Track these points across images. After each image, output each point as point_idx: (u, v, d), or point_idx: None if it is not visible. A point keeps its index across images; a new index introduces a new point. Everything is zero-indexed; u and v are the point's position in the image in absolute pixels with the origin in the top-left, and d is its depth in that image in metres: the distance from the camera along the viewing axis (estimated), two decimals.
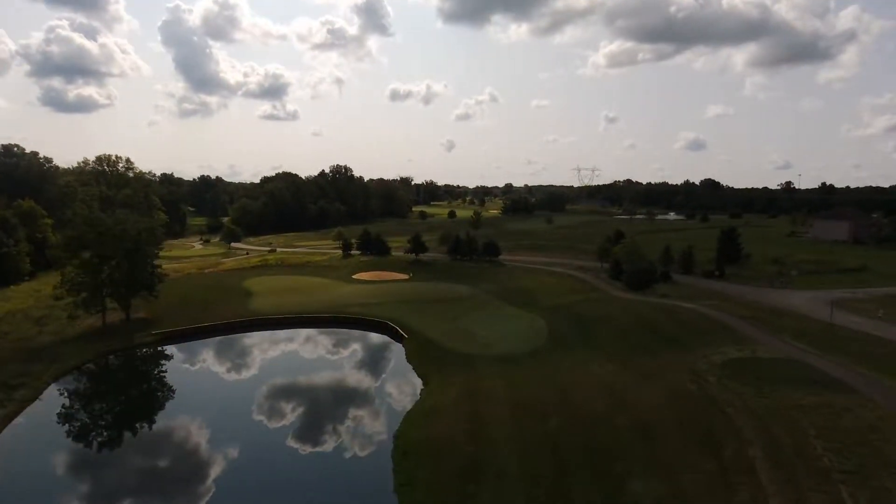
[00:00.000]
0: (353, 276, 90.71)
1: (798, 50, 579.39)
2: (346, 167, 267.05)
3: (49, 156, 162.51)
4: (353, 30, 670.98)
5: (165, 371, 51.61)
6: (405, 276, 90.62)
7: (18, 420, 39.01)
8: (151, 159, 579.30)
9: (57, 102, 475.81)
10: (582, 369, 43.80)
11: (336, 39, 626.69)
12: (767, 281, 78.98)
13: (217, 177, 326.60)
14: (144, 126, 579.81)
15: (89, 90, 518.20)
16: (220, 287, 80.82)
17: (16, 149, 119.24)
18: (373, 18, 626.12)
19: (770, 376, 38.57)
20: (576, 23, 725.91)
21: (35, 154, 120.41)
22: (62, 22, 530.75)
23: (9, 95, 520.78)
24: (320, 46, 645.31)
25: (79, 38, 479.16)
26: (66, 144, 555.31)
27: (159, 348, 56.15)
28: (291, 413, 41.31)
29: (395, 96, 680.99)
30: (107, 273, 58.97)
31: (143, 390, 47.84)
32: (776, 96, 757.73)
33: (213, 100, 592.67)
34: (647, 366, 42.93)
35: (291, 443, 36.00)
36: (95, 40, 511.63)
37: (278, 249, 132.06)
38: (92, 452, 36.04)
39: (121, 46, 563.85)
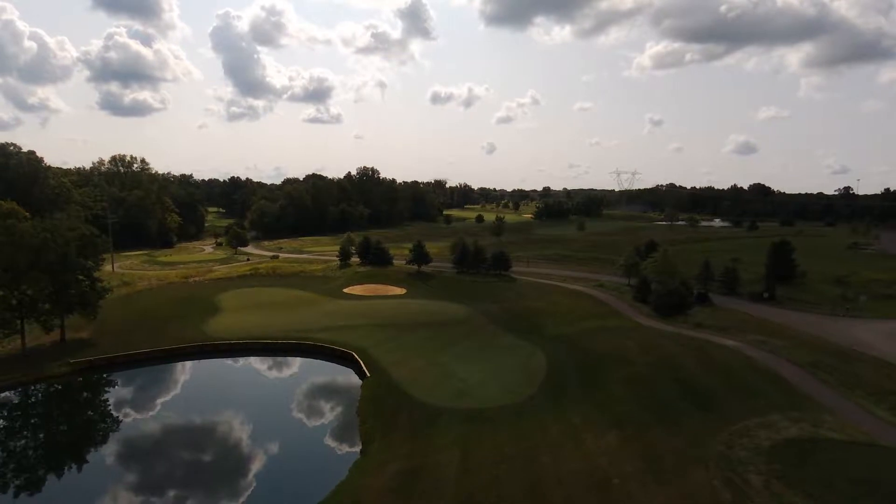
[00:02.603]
0: (344, 290, 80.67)
1: (859, 49, 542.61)
2: (373, 169, 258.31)
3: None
4: (396, 33, 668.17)
5: (57, 413, 42.30)
6: (401, 291, 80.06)
7: None
8: (200, 161, 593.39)
9: (114, 106, 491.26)
10: (572, 444, 32.01)
11: (379, 43, 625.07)
12: (829, 307, 64.88)
13: (247, 178, 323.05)
14: (195, 129, 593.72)
15: (144, 94, 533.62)
16: (189, 301, 71.93)
17: (11, 147, 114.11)
18: (416, 22, 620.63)
19: (844, 478, 26.05)
20: (621, 24, 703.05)
21: (31, 153, 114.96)
22: (120, 29, 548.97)
23: (71, 100, 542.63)
24: (364, 50, 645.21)
25: (135, 45, 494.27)
26: (122, 146, 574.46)
27: (82, 378, 47.15)
28: (160, 485, 31.10)
29: (436, 99, 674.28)
30: (24, 289, 50.25)
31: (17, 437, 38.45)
32: (834, 97, 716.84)
33: (259, 103, 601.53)
34: (662, 444, 30.80)
35: None
36: (151, 47, 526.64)
37: (283, 256, 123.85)
38: None
39: (174, 52, 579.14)
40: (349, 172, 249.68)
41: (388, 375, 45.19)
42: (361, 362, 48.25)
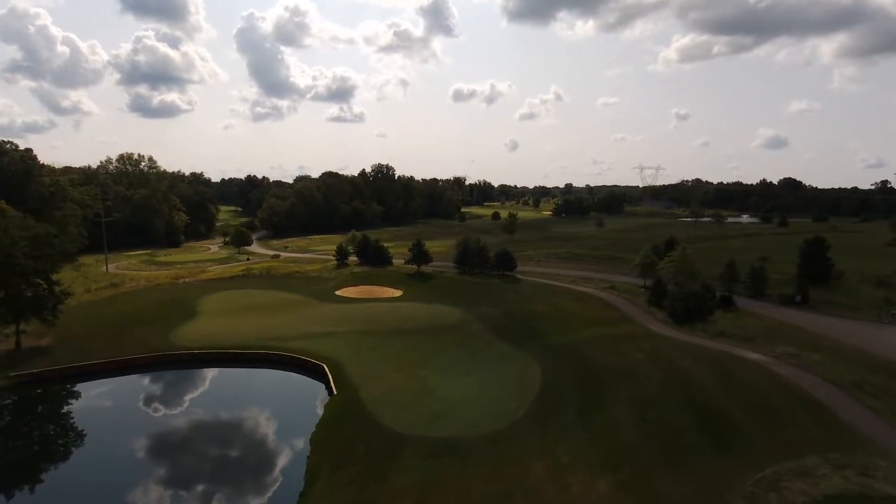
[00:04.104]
0: (336, 292, 75.38)
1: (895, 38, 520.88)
2: (388, 166, 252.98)
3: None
4: (418, 31, 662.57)
5: None
6: (397, 293, 74.47)
7: None
8: (226, 161, 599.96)
9: (143, 108, 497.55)
10: (554, 489, 25.94)
11: (402, 41, 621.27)
12: (871, 312, 57.41)
13: (263, 177, 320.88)
14: (220, 129, 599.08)
15: (172, 96, 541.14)
16: (169, 305, 67.37)
17: (8, 145, 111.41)
18: (438, 19, 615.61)
19: None
20: (646, 17, 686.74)
21: (27, 151, 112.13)
22: (148, 32, 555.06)
23: (102, 103, 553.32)
24: (386, 49, 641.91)
25: (163, 48, 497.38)
26: (151, 147, 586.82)
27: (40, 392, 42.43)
28: None
29: (458, 97, 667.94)
30: None
31: None
32: (869, 89, 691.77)
33: (283, 103, 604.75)
34: (666, 496, 24.54)
35: None
36: (178, 49, 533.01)
37: (285, 255, 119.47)
38: None
39: (200, 54, 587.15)
40: (363, 170, 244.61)
41: (357, 393, 39.53)
42: (330, 377, 42.69)
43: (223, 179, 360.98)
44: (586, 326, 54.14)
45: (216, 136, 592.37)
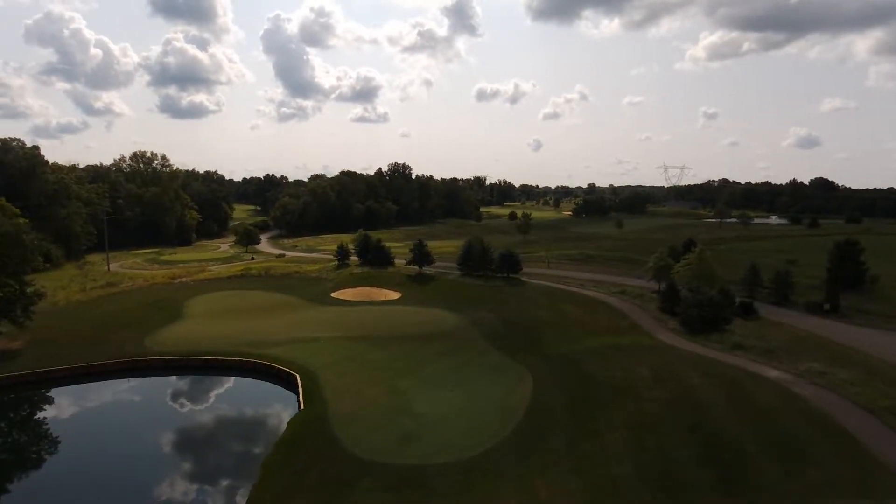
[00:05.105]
0: (332, 294, 71.97)
1: None
2: (404, 165, 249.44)
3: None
4: (442, 31, 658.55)
5: None
6: (395, 296, 70.77)
7: None
8: (253, 161, 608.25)
9: (172, 109, 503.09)
10: None
11: (425, 41, 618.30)
12: None
13: (282, 175, 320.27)
14: (247, 130, 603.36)
15: (200, 97, 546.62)
16: (155, 306, 64.67)
17: (14, 143, 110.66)
18: (462, 19, 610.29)
19: None
20: (673, 14, 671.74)
21: (33, 148, 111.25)
22: (178, 35, 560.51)
23: (132, 104, 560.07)
24: (410, 49, 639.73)
25: (192, 50, 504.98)
26: (180, 147, 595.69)
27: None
28: None
29: (481, 96, 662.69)
30: None
31: None
32: None
33: (308, 104, 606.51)
34: None
35: None
36: (206, 51, 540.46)
37: (291, 254, 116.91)
38: None
39: (228, 56, 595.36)
40: (379, 169, 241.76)
41: (326, 408, 35.81)
42: (301, 389, 39.07)
43: (244, 179, 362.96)
44: (589, 336, 49.66)
45: (243, 137, 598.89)
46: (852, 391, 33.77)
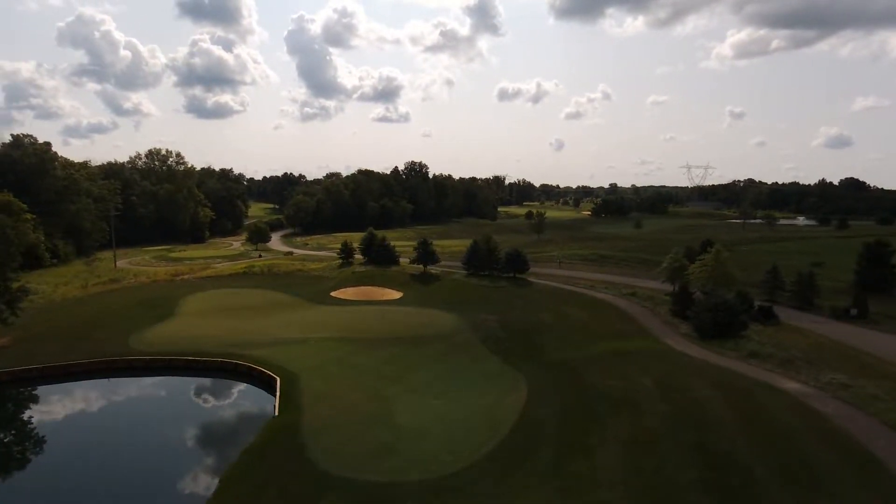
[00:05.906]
0: (332, 293, 69.83)
1: None
2: (421, 164, 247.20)
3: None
4: (464, 31, 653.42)
5: None
6: (397, 295, 68.40)
7: None
8: (276, 160, 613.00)
9: (198, 109, 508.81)
10: None
11: (447, 41, 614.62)
12: None
13: (300, 174, 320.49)
14: (271, 130, 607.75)
15: (225, 98, 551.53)
16: (149, 304, 63.17)
17: (26, 139, 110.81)
18: (484, 18, 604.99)
19: None
20: (699, 12, 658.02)
21: (45, 144, 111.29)
22: (204, 36, 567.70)
23: (160, 104, 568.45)
24: (432, 48, 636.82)
25: (217, 51, 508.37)
26: (206, 147, 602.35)
27: None
28: None
29: (503, 96, 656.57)
30: None
31: None
32: None
33: (331, 104, 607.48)
34: None
35: None
36: (231, 52, 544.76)
37: (300, 252, 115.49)
38: None
39: (252, 57, 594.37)
40: (396, 167, 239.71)
41: (301, 415, 33.39)
42: (278, 393, 36.72)
43: (264, 177, 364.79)
44: (592, 341, 46.51)
45: (267, 136, 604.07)
46: (878, 407, 30.23)
